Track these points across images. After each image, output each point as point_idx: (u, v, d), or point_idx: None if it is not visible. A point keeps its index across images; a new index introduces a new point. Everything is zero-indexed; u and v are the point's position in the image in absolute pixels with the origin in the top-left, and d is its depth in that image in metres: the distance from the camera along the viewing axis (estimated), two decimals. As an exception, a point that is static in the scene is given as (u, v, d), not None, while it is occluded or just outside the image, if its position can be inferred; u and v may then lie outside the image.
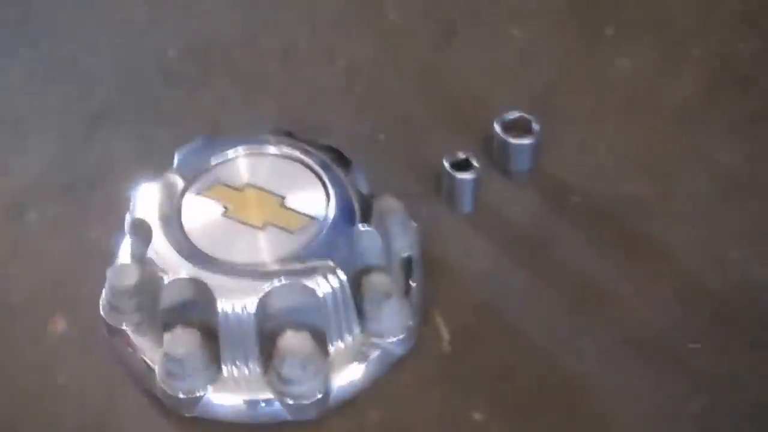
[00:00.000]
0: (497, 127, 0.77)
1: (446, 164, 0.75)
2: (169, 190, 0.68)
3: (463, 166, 0.75)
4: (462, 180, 0.75)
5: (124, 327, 0.68)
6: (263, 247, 0.66)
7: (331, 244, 0.66)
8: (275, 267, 0.65)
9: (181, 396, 0.64)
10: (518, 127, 0.77)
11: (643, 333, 0.69)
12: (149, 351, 0.67)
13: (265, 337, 0.64)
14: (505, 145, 0.77)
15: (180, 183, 0.69)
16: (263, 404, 0.65)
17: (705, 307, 0.70)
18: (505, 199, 0.77)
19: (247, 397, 0.65)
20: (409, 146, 0.80)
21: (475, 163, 0.74)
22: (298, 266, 0.65)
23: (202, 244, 0.66)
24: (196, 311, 0.65)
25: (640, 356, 0.68)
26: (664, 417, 0.65)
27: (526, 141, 0.77)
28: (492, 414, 0.65)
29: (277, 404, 0.64)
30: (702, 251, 0.73)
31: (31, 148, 0.82)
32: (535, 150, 0.77)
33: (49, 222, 0.77)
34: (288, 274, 0.64)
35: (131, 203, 0.69)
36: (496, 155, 0.78)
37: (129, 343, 0.67)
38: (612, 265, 0.72)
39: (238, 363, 0.65)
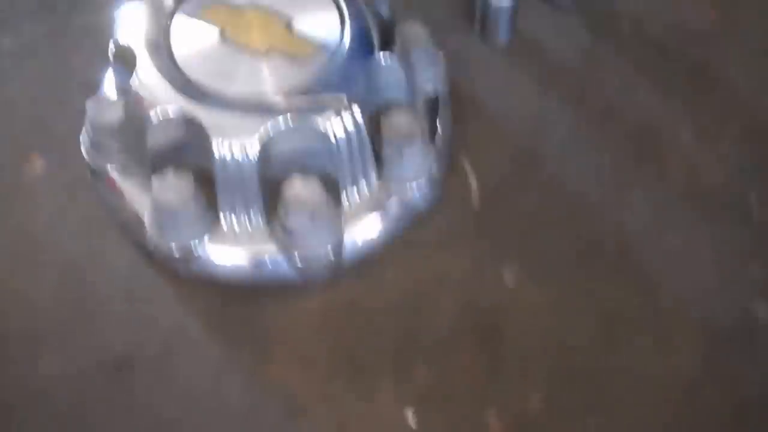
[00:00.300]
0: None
1: (481, -10, 0.67)
2: (157, 10, 0.61)
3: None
4: (498, 4, 0.68)
5: (108, 168, 0.62)
6: (266, 78, 0.59)
7: (345, 75, 0.59)
8: (280, 101, 0.58)
9: (174, 248, 0.59)
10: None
11: (702, 184, 0.63)
12: (138, 196, 0.61)
13: (269, 184, 0.58)
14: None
15: (170, 2, 0.62)
16: (267, 261, 0.59)
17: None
18: (547, 29, 0.70)
19: (249, 250, 0.60)
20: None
21: (513, -10, 0.67)
22: (306, 101, 0.58)
23: (195, 73, 0.59)
24: (189, 152, 0.58)
25: (697, 211, 0.62)
26: (720, 279, 0.60)
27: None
28: (525, 276, 0.60)
29: (282, 262, 0.59)
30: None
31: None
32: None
33: (24, 47, 0.71)
34: (295, 110, 0.58)
35: (114, 26, 0.62)
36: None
37: (115, 187, 0.62)
38: (669, 106, 0.66)
39: (238, 213, 0.59)
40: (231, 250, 0.59)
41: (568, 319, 0.59)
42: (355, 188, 0.61)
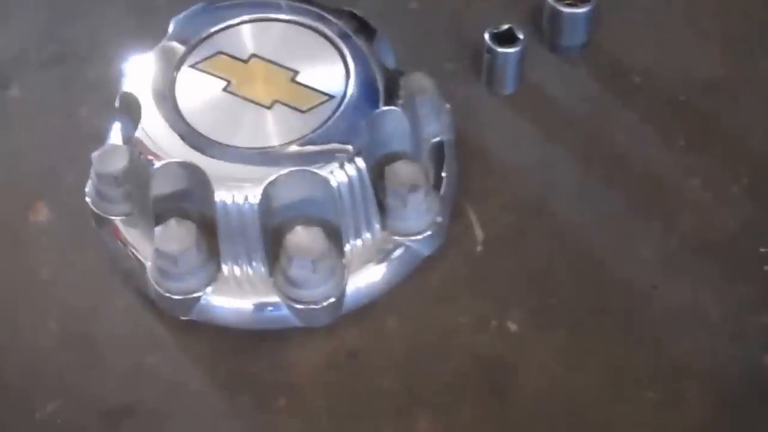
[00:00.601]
0: (548, -3, 0.71)
1: (487, 37, 0.69)
2: (163, 62, 0.63)
3: (507, 39, 0.69)
4: (504, 55, 0.69)
5: (112, 217, 0.63)
6: (270, 129, 0.60)
7: (349, 126, 0.60)
8: (283, 152, 0.59)
9: (176, 297, 0.60)
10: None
11: (710, 236, 0.64)
12: (141, 245, 0.62)
13: (271, 233, 0.59)
14: (555, 14, 0.71)
15: (176, 54, 0.63)
16: (269, 308, 0.60)
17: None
18: (554, 79, 0.71)
19: (251, 300, 0.61)
20: (444, 15, 0.74)
21: (520, 36, 0.69)
22: (310, 151, 0.59)
23: (199, 123, 0.60)
24: (191, 201, 0.60)
25: (706, 263, 0.63)
26: (730, 332, 0.60)
27: (580, 10, 0.70)
28: (530, 328, 0.61)
29: (284, 309, 0.60)
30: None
31: (15, 15, 0.77)
32: (590, 21, 0.71)
33: (34, 99, 0.73)
34: (298, 160, 0.59)
35: (122, 77, 0.64)
36: (545, 27, 0.72)
37: (118, 235, 0.63)
38: (677, 157, 0.67)
39: (240, 262, 0.60)
40: (233, 299, 0.60)
41: (574, 372, 0.59)
42: (358, 237, 0.62)
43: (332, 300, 0.59)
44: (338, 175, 0.59)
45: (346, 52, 0.63)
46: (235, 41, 0.64)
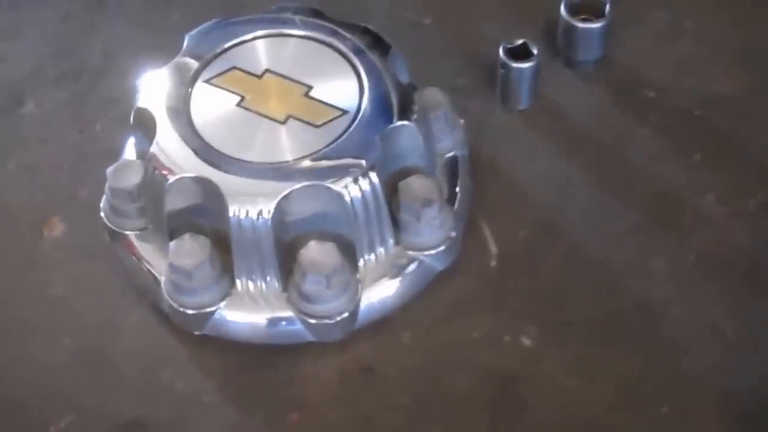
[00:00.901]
0: (563, 8, 0.72)
1: (501, 51, 0.70)
2: (177, 77, 0.65)
3: (521, 53, 0.70)
4: (519, 70, 0.70)
5: (127, 233, 0.65)
6: (284, 144, 0.62)
7: (363, 141, 0.61)
8: (297, 167, 0.61)
9: (190, 312, 0.61)
10: (587, 9, 0.72)
11: (724, 252, 0.65)
12: (155, 260, 0.64)
13: (285, 248, 0.61)
14: (570, 29, 0.72)
15: (190, 70, 0.65)
16: (282, 323, 0.62)
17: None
18: (569, 94, 0.72)
19: (264, 314, 0.62)
20: (458, 31, 0.75)
21: (534, 51, 0.70)
22: (323, 166, 0.61)
23: (213, 138, 0.62)
24: (205, 216, 0.61)
25: (721, 279, 0.64)
26: (744, 348, 0.61)
27: (595, 24, 0.72)
28: (544, 343, 0.62)
29: (298, 323, 0.61)
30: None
31: (29, 33, 0.79)
32: (605, 36, 0.72)
33: (49, 115, 0.74)
34: (312, 175, 0.60)
35: (136, 93, 0.65)
36: (560, 42, 0.74)
37: (133, 250, 0.65)
38: (692, 172, 0.68)
39: (253, 276, 0.62)
40: (246, 314, 0.62)
41: (588, 387, 0.60)
42: (372, 252, 0.63)
43: (346, 315, 0.61)
44: (352, 189, 0.60)
45: (360, 67, 0.64)
46: (249, 56, 0.65)
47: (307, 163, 0.61)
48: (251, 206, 0.59)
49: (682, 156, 0.69)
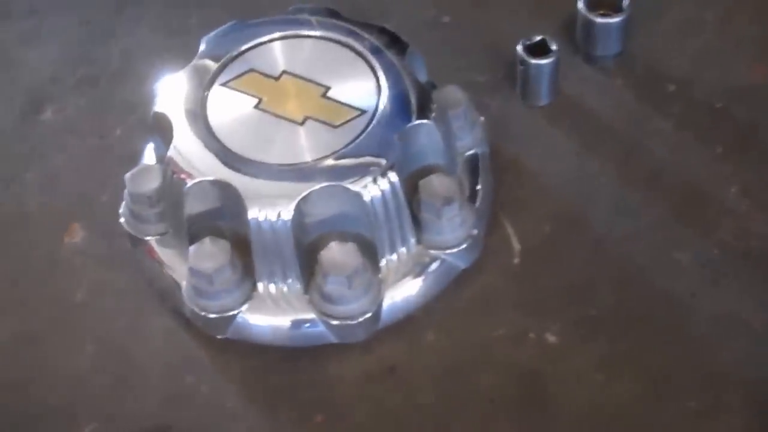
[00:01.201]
0: (581, 3, 0.72)
1: (520, 48, 0.70)
2: (194, 81, 0.65)
3: (540, 50, 0.70)
4: (538, 66, 0.70)
5: (147, 238, 0.65)
6: (302, 145, 0.62)
7: (382, 140, 0.62)
8: (316, 167, 0.61)
9: (212, 316, 0.62)
10: (605, 4, 0.72)
11: (749, 243, 0.65)
12: (176, 264, 0.64)
13: (306, 250, 0.61)
14: (589, 24, 0.72)
15: (207, 73, 0.66)
16: (305, 325, 0.62)
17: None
18: (589, 89, 0.72)
19: (287, 317, 0.62)
20: (477, 28, 0.76)
21: (553, 47, 0.70)
22: (342, 166, 0.61)
23: (231, 141, 0.62)
24: (225, 219, 0.62)
25: (747, 272, 0.64)
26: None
27: (614, 19, 0.72)
28: (568, 339, 0.62)
29: (320, 325, 0.62)
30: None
31: (47, 38, 0.80)
32: (625, 30, 0.73)
33: (68, 120, 0.75)
34: (331, 175, 0.60)
35: (154, 98, 0.66)
36: (579, 37, 0.74)
37: (153, 255, 0.65)
38: (715, 165, 0.68)
39: (275, 279, 0.62)
40: (269, 317, 0.62)
41: (614, 382, 0.60)
42: (393, 252, 0.63)
43: (368, 315, 0.61)
44: (372, 189, 0.61)
45: (378, 66, 0.65)
46: (266, 58, 0.66)
47: (326, 163, 0.61)
48: (270, 208, 0.60)
49: (705, 149, 0.69)
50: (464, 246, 0.63)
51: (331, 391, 0.61)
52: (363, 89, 0.64)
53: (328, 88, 0.64)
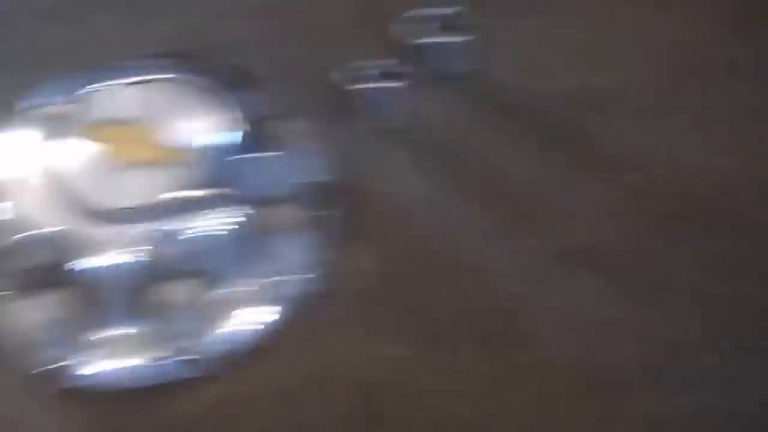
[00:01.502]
0: (425, 27, 0.73)
1: (368, 74, 0.71)
2: (28, 136, 0.65)
3: (386, 76, 0.71)
4: (385, 90, 0.71)
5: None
6: (151, 187, 0.63)
7: (229, 174, 0.63)
8: (163, 207, 0.62)
9: (48, 367, 0.60)
10: (451, 26, 0.73)
11: (577, 243, 0.66)
12: (13, 320, 0.63)
13: (148, 288, 0.61)
14: (435, 46, 0.73)
15: (49, 122, 0.66)
16: (154, 363, 0.61)
17: (656, 217, 0.67)
18: (437, 109, 0.73)
19: (132, 358, 0.62)
20: (323, 61, 0.75)
21: (399, 72, 0.71)
22: (189, 204, 0.62)
23: (73, 189, 0.62)
24: (58, 270, 0.61)
25: (576, 272, 0.65)
26: (602, 336, 0.63)
27: (460, 39, 0.73)
28: (414, 350, 0.62)
29: (168, 361, 0.61)
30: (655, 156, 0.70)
31: None
32: (471, 50, 0.73)
33: None
34: (178, 213, 0.61)
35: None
36: (428, 59, 0.74)
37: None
38: (549, 168, 0.70)
39: (118, 321, 0.61)
40: (112, 361, 0.61)
41: (455, 392, 0.61)
42: (242, 283, 0.63)
43: (218, 347, 0.61)
44: (218, 223, 0.62)
45: (223, 102, 0.66)
46: (110, 105, 0.66)
47: (172, 202, 0.62)
48: (116, 252, 0.60)
49: (548, 158, 0.70)
50: (313, 273, 0.64)
51: (183, 426, 0.60)
52: (208, 126, 0.65)
53: (174, 130, 0.65)
